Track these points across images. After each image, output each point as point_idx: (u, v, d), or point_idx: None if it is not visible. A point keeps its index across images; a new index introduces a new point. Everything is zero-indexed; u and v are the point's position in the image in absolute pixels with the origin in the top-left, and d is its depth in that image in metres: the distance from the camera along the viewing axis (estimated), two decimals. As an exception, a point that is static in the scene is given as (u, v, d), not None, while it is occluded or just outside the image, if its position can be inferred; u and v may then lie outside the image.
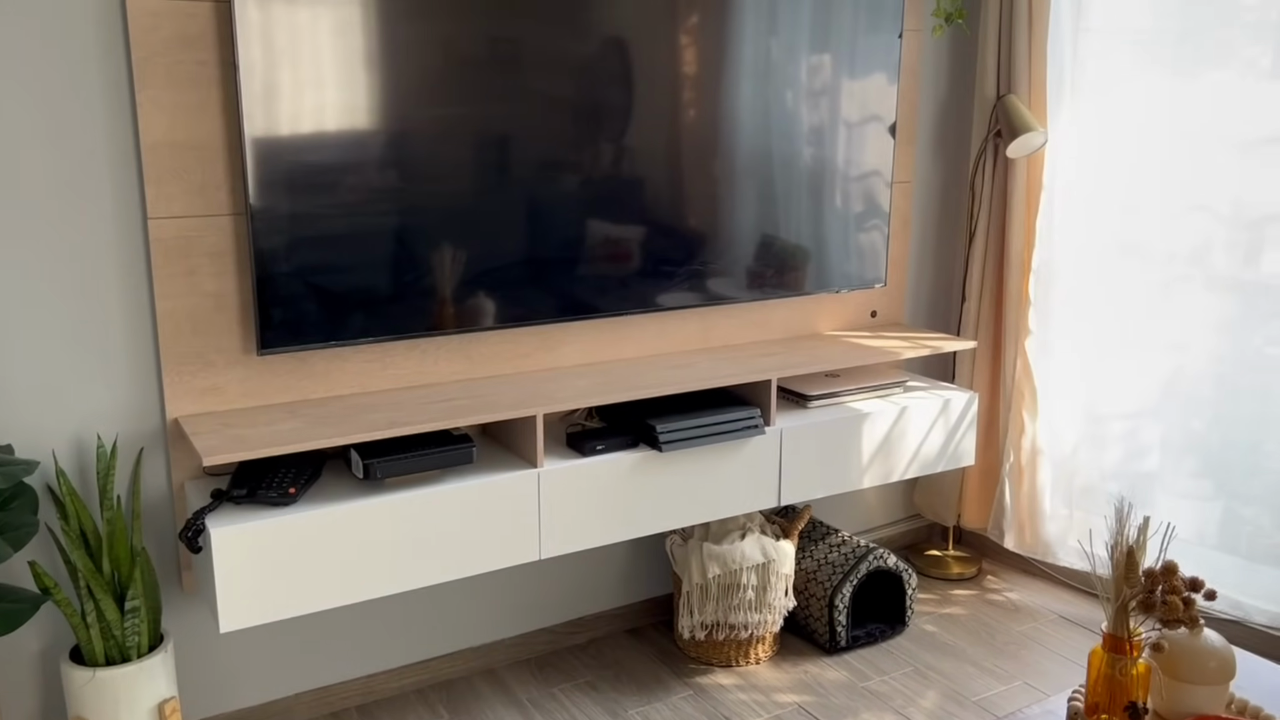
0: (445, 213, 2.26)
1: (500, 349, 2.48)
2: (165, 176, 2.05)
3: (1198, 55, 2.66)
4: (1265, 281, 2.62)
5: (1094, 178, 2.92)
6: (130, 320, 2.09)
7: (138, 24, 1.98)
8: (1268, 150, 2.56)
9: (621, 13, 2.38)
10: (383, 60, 2.14)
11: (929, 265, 3.21)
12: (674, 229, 2.56)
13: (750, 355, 2.70)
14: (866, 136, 2.80)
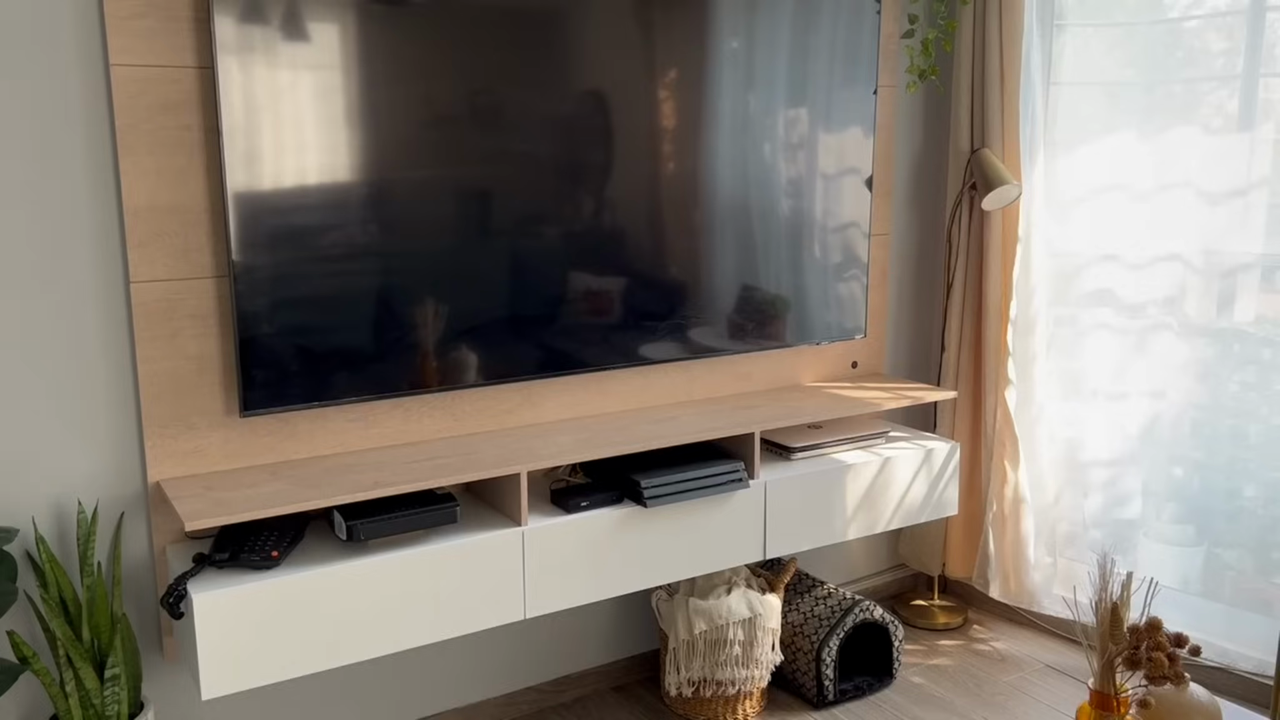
0: (427, 270, 2.27)
1: (484, 405, 2.48)
2: (148, 240, 2.05)
3: (1166, 107, 2.72)
4: (1238, 328, 2.65)
5: (1068, 229, 2.96)
6: (112, 384, 2.08)
7: (122, 91, 1.99)
8: (1235, 201, 2.61)
9: (600, 68, 2.41)
10: (363, 121, 2.16)
11: (908, 316, 3.24)
12: (655, 280, 2.58)
13: (733, 407, 2.71)
14: (844, 188, 2.84)
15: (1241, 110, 2.59)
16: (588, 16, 2.37)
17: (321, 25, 2.08)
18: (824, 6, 2.70)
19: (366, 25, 2.13)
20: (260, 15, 2.02)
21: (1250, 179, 2.59)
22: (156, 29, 2.01)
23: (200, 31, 2.05)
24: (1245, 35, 2.57)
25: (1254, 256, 2.61)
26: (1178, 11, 2.68)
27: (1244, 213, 2.61)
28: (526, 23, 2.30)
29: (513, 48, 2.29)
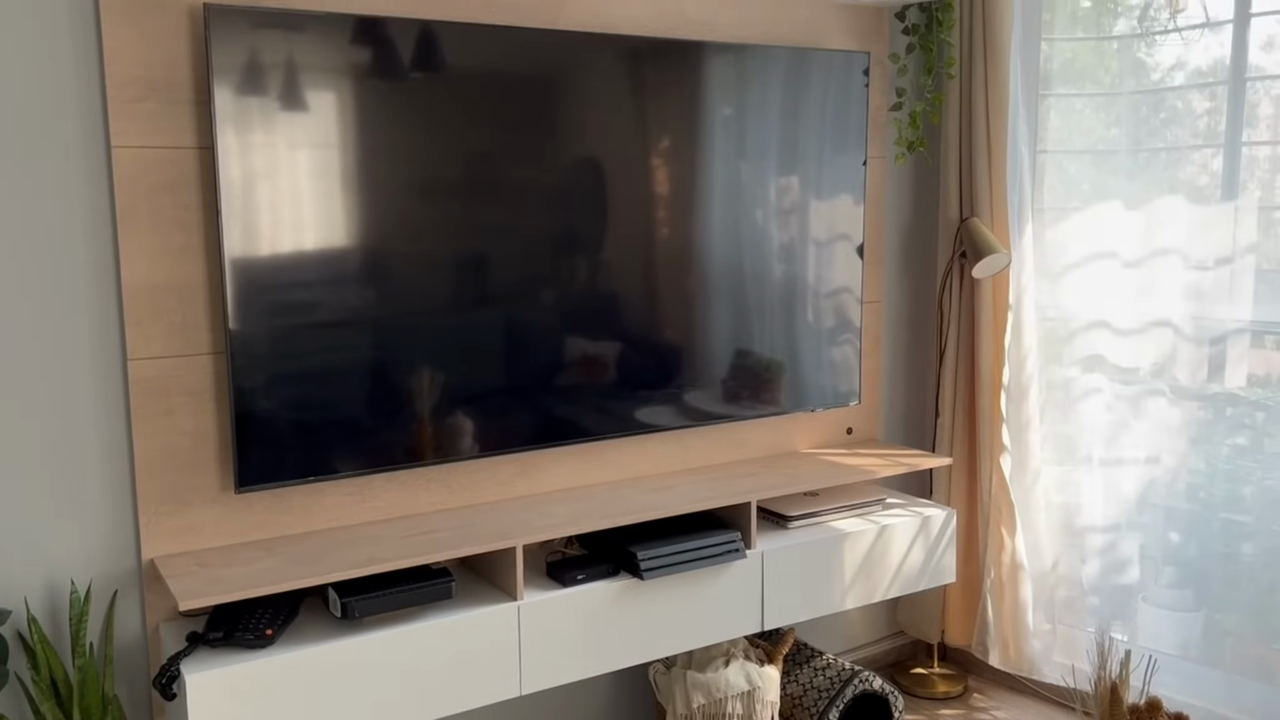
0: (424, 342, 2.29)
1: (479, 476, 2.48)
2: (146, 318, 2.07)
3: (1152, 174, 2.77)
4: (1230, 392, 2.67)
5: (1058, 296, 2.99)
6: (108, 462, 2.08)
7: (123, 172, 2.02)
8: (1222, 269, 2.65)
9: (595, 135, 2.45)
10: (359, 196, 2.19)
11: (901, 382, 3.26)
12: (651, 344, 2.59)
13: (729, 476, 2.71)
14: (835, 255, 2.87)
15: (1225, 179, 2.64)
16: (581, 87, 2.42)
17: (319, 103, 2.12)
18: (813, 79, 2.75)
19: (363, 101, 2.16)
20: (259, 96, 2.06)
21: (1236, 247, 2.63)
22: (157, 111, 2.04)
23: (200, 113, 2.08)
24: (1227, 103, 2.62)
25: (1243, 323, 2.63)
26: (1160, 74, 2.74)
27: (1231, 280, 2.64)
28: (520, 93, 2.34)
29: (508, 118, 2.33)
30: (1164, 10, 2.72)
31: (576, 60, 2.40)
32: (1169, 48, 2.73)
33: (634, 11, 2.57)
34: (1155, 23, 2.74)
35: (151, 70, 2.03)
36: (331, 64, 2.12)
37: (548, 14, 2.45)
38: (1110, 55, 2.83)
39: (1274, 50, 2.55)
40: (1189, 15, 2.68)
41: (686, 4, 2.65)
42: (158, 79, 2.04)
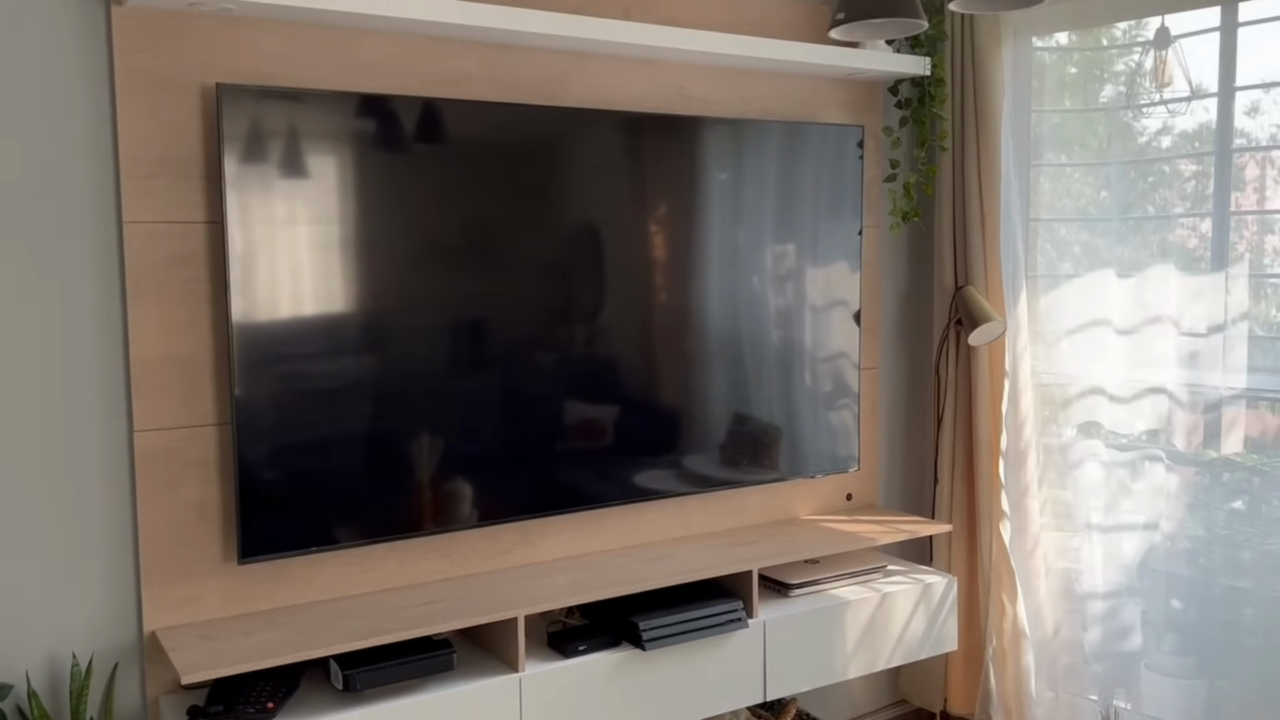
0: (427, 414, 2.31)
1: (480, 545, 2.49)
2: (153, 389, 2.09)
3: (1141, 237, 2.81)
4: (1227, 458, 2.69)
5: (1054, 363, 3.02)
6: (111, 534, 2.09)
7: (133, 246, 2.06)
8: (1214, 337, 2.68)
9: (595, 205, 2.50)
10: (366, 270, 2.22)
11: (900, 448, 3.27)
12: (650, 409, 2.61)
13: (730, 543, 2.71)
14: (832, 320, 2.91)
15: (1215, 247, 2.68)
16: (582, 159, 2.47)
17: (325, 178, 2.17)
18: (809, 151, 2.81)
19: (369, 175, 2.21)
20: (267, 171, 2.10)
21: (1228, 315, 2.67)
22: (168, 187, 2.08)
23: (210, 189, 2.13)
24: (1214, 172, 2.68)
25: (1237, 390, 2.66)
26: (1147, 137, 2.80)
27: (1224, 347, 2.68)
28: (524, 164, 2.39)
29: (512, 189, 2.38)
30: (1149, 80, 2.79)
31: (578, 134, 2.45)
32: (1156, 115, 2.80)
33: (635, 89, 2.63)
34: (1141, 91, 2.81)
35: (163, 147, 2.07)
36: (338, 140, 2.17)
37: (551, 91, 2.51)
38: (1098, 120, 2.90)
39: (1259, 115, 2.61)
40: (1174, 89, 2.75)
41: (686, 81, 2.71)
42: (169, 156, 2.08)
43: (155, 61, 2.06)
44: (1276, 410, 2.63)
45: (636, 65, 2.63)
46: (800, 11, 2.88)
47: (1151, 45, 2.79)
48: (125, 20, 2.02)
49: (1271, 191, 2.62)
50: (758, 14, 2.81)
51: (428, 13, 2.17)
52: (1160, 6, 2.70)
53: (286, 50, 2.18)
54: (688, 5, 2.70)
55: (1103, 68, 2.89)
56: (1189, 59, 2.72)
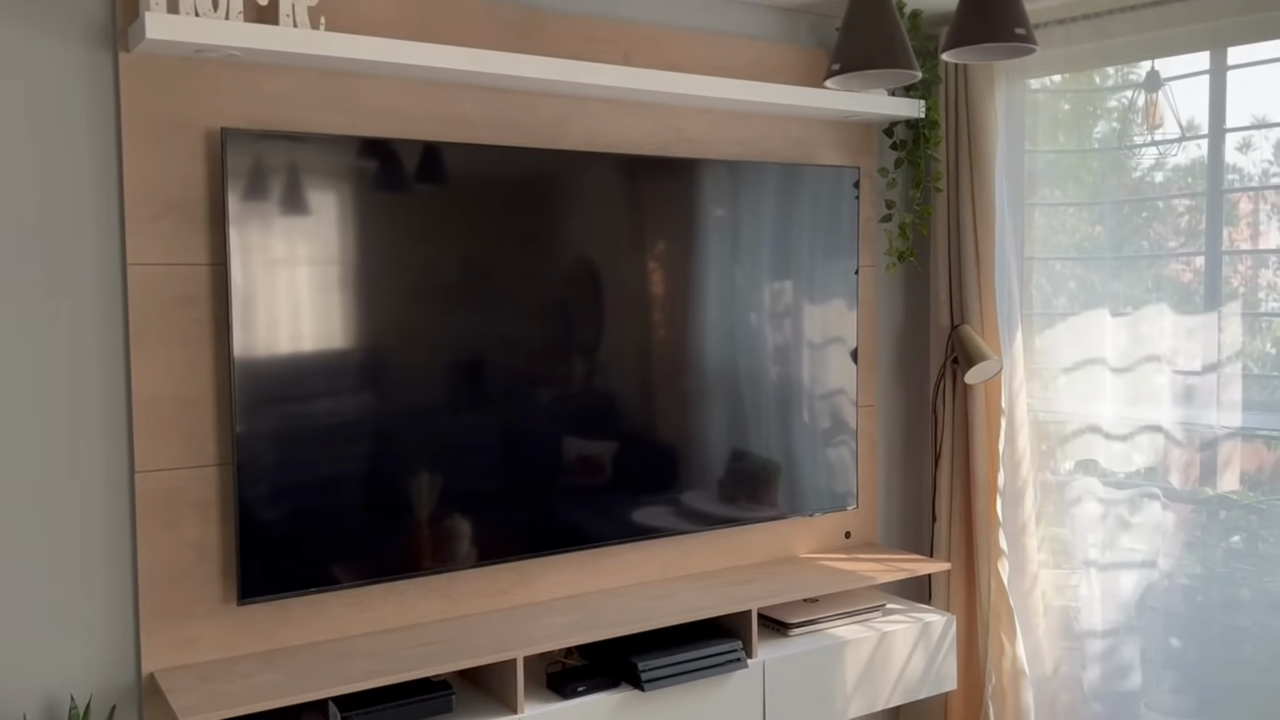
0: (428, 457, 2.32)
1: (479, 585, 2.49)
2: (154, 430, 2.10)
3: (1135, 273, 2.84)
4: (1223, 495, 2.70)
5: (1050, 401, 3.04)
6: (111, 575, 2.09)
7: (137, 288, 2.08)
8: (1208, 376, 2.70)
9: (595, 244, 2.52)
10: (366, 311, 2.24)
11: (898, 486, 3.28)
12: (649, 446, 2.62)
13: (729, 582, 2.71)
14: (830, 357, 2.93)
15: (1208, 287, 2.71)
16: (582, 199, 2.50)
17: (328, 220, 2.19)
18: (805, 192, 2.84)
19: (371, 217, 2.23)
20: (270, 213, 2.13)
21: (1221, 354, 2.69)
22: (173, 230, 2.11)
23: (214, 230, 2.15)
24: (1206, 212, 2.71)
25: (1233, 429, 2.68)
26: (1140, 172, 2.84)
27: (1218, 386, 2.70)
28: (524, 204, 2.42)
29: (512, 229, 2.40)
30: (1140, 119, 2.83)
31: (577, 174, 2.49)
32: (1149, 153, 2.83)
33: (634, 131, 2.67)
34: (1133, 129, 2.84)
35: (168, 190, 2.10)
36: (340, 183, 2.20)
37: (550, 134, 2.54)
38: (1092, 157, 2.94)
39: (1251, 151, 2.64)
40: (1165, 131, 2.79)
41: (685, 123, 2.75)
42: (174, 198, 2.11)
43: (161, 106, 2.09)
44: (1272, 447, 2.64)
45: (636, 108, 2.67)
46: (797, 55, 2.93)
47: (1142, 87, 2.83)
48: (133, 66, 2.06)
49: (1265, 226, 2.65)
50: (755, 57, 2.85)
51: (429, 58, 2.21)
52: (1150, 51, 2.75)
53: (290, 94, 2.22)
54: (686, 49, 2.74)
55: (1095, 104, 2.93)
56: (1179, 100, 2.76)
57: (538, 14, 2.51)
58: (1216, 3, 2.59)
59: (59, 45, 2.01)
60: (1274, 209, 2.63)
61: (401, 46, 2.17)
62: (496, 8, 2.45)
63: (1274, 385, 2.63)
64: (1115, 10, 2.76)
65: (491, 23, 2.45)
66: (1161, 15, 2.68)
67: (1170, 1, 2.66)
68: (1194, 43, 2.66)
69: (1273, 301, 2.62)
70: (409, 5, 2.35)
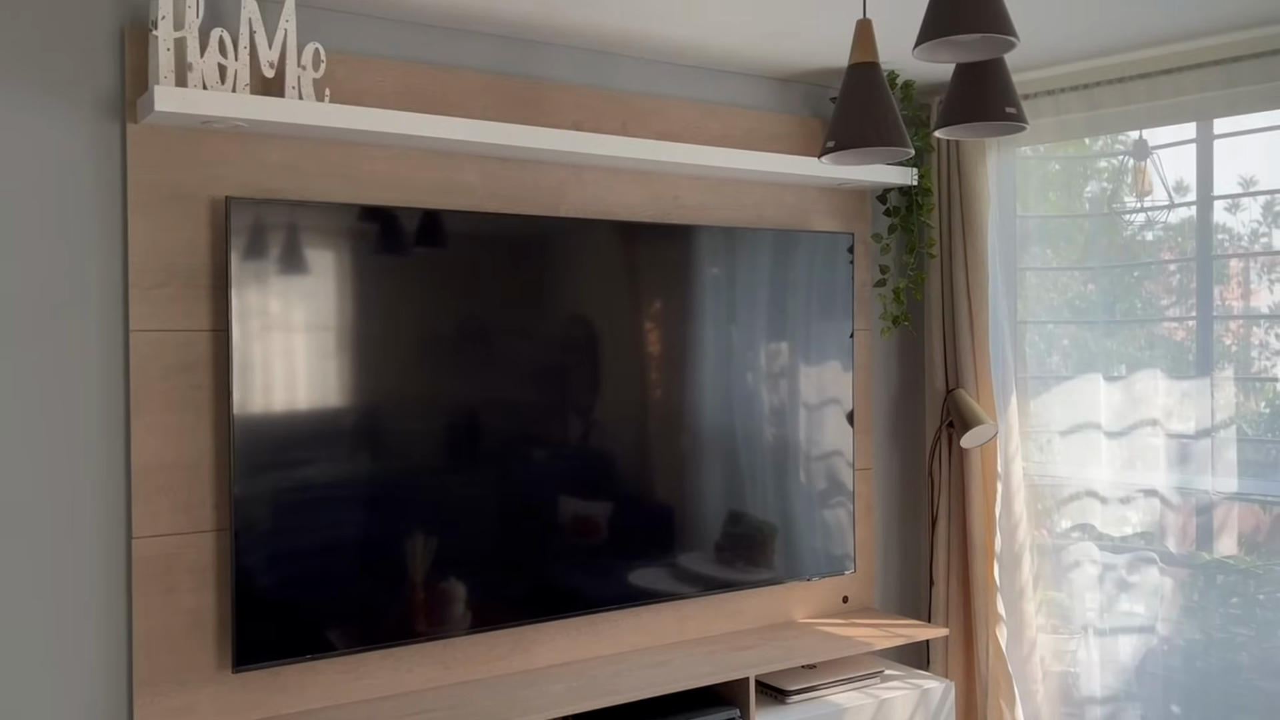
0: (426, 523, 2.32)
1: (474, 652, 2.47)
2: (152, 495, 2.10)
3: (1128, 331, 2.87)
4: (1220, 560, 2.70)
5: (1046, 465, 3.05)
6: (105, 643, 2.08)
7: (139, 354, 2.09)
8: (1203, 441, 2.72)
9: (592, 308, 2.55)
10: (366, 378, 2.26)
11: (895, 549, 3.28)
12: (645, 507, 2.62)
13: (727, 648, 2.69)
14: (826, 418, 2.94)
15: (1200, 351, 2.74)
16: (580, 264, 2.52)
17: (329, 288, 2.21)
18: (800, 257, 2.88)
19: (372, 284, 2.26)
20: (272, 280, 2.15)
21: (1215, 419, 2.71)
22: (176, 296, 2.13)
23: (216, 297, 2.17)
24: (1196, 276, 2.75)
25: (1228, 493, 2.69)
26: (1131, 230, 2.88)
27: (1212, 451, 2.71)
28: (523, 270, 2.44)
29: (512, 294, 2.43)
30: (1129, 186, 2.88)
31: (575, 240, 2.52)
32: (1139, 217, 2.88)
33: (632, 198, 2.71)
34: (1123, 192, 2.89)
35: (172, 258, 2.12)
36: (342, 252, 2.22)
37: (549, 202, 2.58)
38: (1082, 217, 2.98)
39: (1240, 211, 2.68)
40: (1154, 198, 2.84)
41: (681, 190, 2.79)
42: (177, 266, 2.13)
43: (167, 175, 2.12)
44: (1268, 510, 2.65)
45: (633, 176, 2.71)
46: (791, 124, 2.98)
47: (1130, 155, 2.89)
48: (140, 137, 2.09)
49: (1255, 285, 2.68)
50: (750, 126, 2.91)
51: (432, 129, 2.25)
52: (1138, 121, 2.81)
53: (294, 163, 2.25)
54: (682, 119, 2.79)
55: (1085, 165, 2.99)
56: (1167, 167, 2.82)
57: (539, 85, 2.56)
58: (1201, 77, 2.65)
59: (69, 115, 2.04)
60: (1264, 268, 2.66)
61: (404, 118, 2.22)
62: (498, 79, 2.51)
63: (1268, 448, 2.65)
64: (1103, 82, 2.82)
65: (493, 93, 2.50)
66: (1149, 87, 2.74)
67: (1157, 75, 2.73)
68: (1180, 114, 2.72)
69: (1264, 360, 2.65)
70: (411, 77, 2.40)
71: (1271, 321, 2.64)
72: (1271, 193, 2.63)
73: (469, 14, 2.36)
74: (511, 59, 2.55)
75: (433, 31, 2.45)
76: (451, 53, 2.47)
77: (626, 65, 2.73)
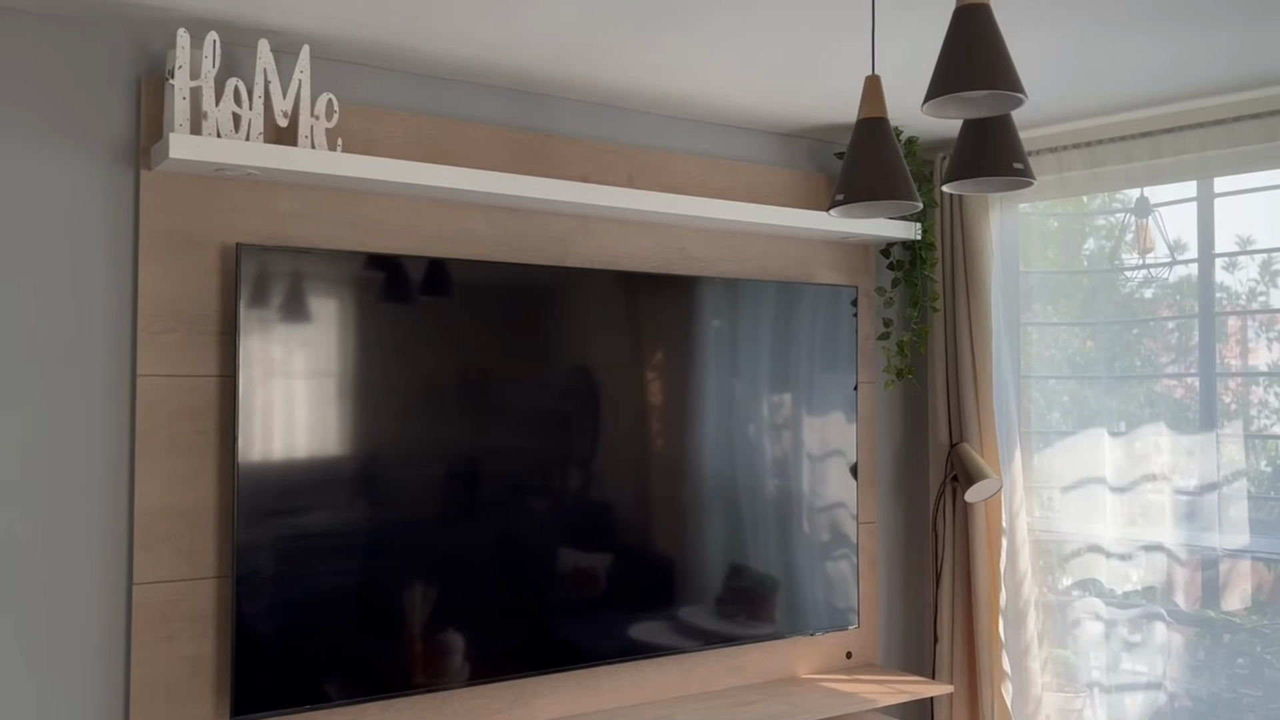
0: (424, 570, 2.30)
1: (474, 704, 2.44)
2: (155, 542, 2.09)
3: (1128, 389, 2.87)
4: (1227, 618, 2.68)
5: (1051, 520, 3.04)
6: (103, 691, 2.05)
7: (145, 399, 2.09)
8: (1208, 496, 2.71)
9: (592, 353, 2.55)
10: (372, 425, 2.25)
11: (899, 605, 3.25)
12: (646, 559, 2.60)
13: (730, 704, 2.66)
14: (829, 470, 2.93)
15: (1203, 407, 2.74)
16: (585, 313, 2.53)
17: (337, 335, 2.22)
18: (804, 309, 2.89)
19: (381, 333, 2.26)
20: (281, 327, 2.16)
21: (1220, 474, 2.70)
22: (184, 342, 2.13)
23: (224, 343, 2.18)
24: (1198, 333, 2.76)
25: (1234, 549, 2.67)
26: (1130, 287, 2.89)
27: (1218, 506, 2.70)
28: (527, 319, 2.45)
29: (519, 343, 2.43)
30: (1130, 243, 2.90)
31: (580, 290, 2.53)
32: (1140, 271, 2.90)
33: (637, 250, 2.73)
34: (1124, 250, 2.91)
35: (181, 303, 2.13)
36: (351, 299, 2.23)
37: (556, 252, 2.60)
38: (1082, 274, 3.00)
39: (1237, 270, 2.70)
40: (1155, 254, 2.86)
41: (686, 242, 2.81)
42: (186, 311, 2.14)
43: (179, 222, 2.14)
44: (1272, 569, 2.63)
45: (639, 227, 2.73)
46: (795, 178, 3.01)
47: (1132, 213, 2.91)
48: (153, 183, 2.11)
49: (1254, 344, 2.69)
50: (754, 180, 2.94)
51: (441, 179, 2.27)
52: (1140, 179, 2.84)
53: (305, 211, 2.27)
54: (688, 172, 2.82)
55: (1084, 222, 3.01)
56: (1168, 224, 2.84)
57: (547, 137, 2.60)
58: (1203, 136, 2.68)
59: (84, 160, 2.06)
60: (1262, 327, 2.68)
61: (414, 167, 2.24)
62: (508, 132, 2.54)
63: (1271, 505, 2.64)
64: (1106, 140, 2.85)
65: (502, 145, 2.53)
66: (1151, 145, 2.78)
67: (1158, 133, 2.76)
68: (1181, 172, 2.75)
69: (1264, 419, 2.65)
70: (422, 128, 2.42)
71: (1271, 380, 2.65)
72: (1271, 251, 2.66)
73: (480, 68, 2.40)
74: (521, 112, 2.59)
75: (444, 84, 2.48)
76: (462, 105, 2.50)
77: (633, 119, 2.77)
